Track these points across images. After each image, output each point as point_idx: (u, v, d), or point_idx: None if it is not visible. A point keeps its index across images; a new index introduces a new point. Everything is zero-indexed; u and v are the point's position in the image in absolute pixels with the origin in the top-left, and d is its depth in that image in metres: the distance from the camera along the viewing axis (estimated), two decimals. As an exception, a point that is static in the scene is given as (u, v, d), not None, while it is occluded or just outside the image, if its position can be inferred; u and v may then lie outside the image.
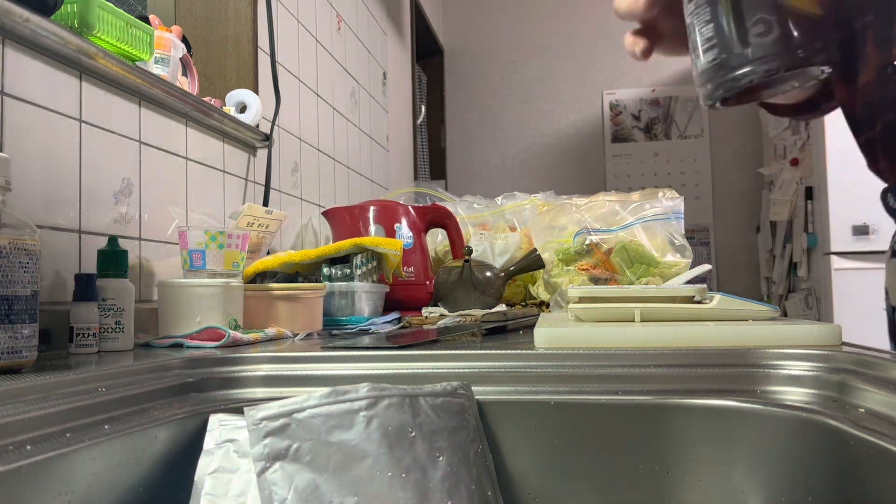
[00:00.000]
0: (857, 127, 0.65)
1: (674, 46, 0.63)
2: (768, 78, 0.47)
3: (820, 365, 0.60)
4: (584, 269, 1.37)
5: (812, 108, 0.70)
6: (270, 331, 0.92)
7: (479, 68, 3.95)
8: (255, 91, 1.45)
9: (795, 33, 0.45)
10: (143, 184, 1.07)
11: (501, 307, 1.25)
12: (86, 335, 0.75)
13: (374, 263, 1.21)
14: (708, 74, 0.49)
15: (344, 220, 1.42)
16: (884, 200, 0.65)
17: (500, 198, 1.71)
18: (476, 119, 3.94)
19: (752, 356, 0.62)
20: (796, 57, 0.46)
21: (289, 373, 0.68)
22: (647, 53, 0.62)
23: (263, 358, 0.69)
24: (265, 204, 1.45)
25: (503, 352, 0.67)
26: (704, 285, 0.84)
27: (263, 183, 1.47)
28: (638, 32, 0.63)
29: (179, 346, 0.82)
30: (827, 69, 0.48)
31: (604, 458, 0.61)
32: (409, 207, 1.43)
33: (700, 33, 0.49)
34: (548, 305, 1.39)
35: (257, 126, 1.41)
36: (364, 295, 1.15)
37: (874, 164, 0.65)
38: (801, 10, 0.45)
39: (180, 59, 1.19)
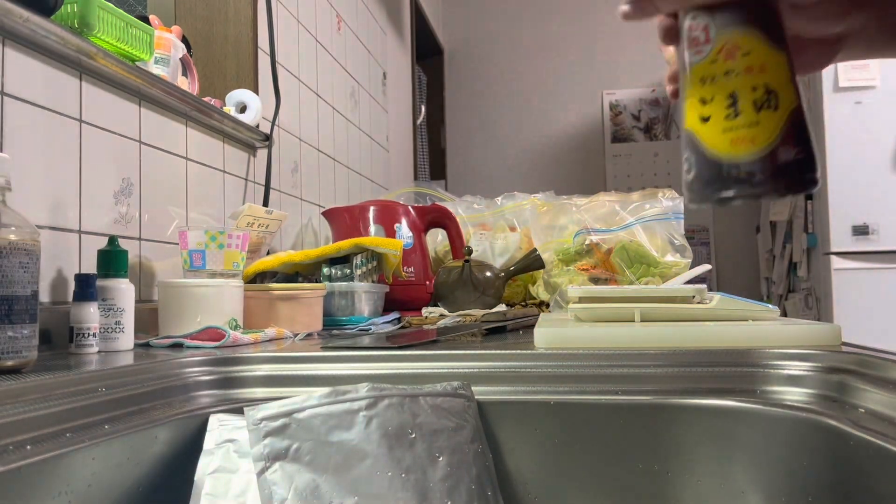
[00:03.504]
0: None
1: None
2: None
3: (820, 365, 0.60)
4: (583, 269, 1.37)
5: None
6: (270, 331, 0.92)
7: (478, 68, 3.95)
8: (255, 91, 1.45)
9: (708, 174, 0.43)
10: (143, 184, 1.07)
11: (501, 307, 1.25)
12: (86, 335, 0.75)
13: (374, 263, 1.21)
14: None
15: (344, 220, 1.42)
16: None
17: (500, 198, 1.71)
18: (476, 119, 3.94)
19: (751, 356, 0.62)
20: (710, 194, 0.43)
21: (289, 373, 0.68)
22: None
23: (263, 358, 0.69)
24: (265, 204, 1.45)
25: (503, 352, 0.67)
26: (704, 285, 0.84)
27: (263, 183, 1.47)
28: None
29: (179, 346, 0.82)
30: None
31: (604, 457, 0.61)
32: (409, 207, 1.43)
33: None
34: (548, 305, 1.39)
35: (257, 126, 1.41)
36: (364, 295, 1.15)
37: None
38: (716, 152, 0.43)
39: (180, 59, 1.19)
